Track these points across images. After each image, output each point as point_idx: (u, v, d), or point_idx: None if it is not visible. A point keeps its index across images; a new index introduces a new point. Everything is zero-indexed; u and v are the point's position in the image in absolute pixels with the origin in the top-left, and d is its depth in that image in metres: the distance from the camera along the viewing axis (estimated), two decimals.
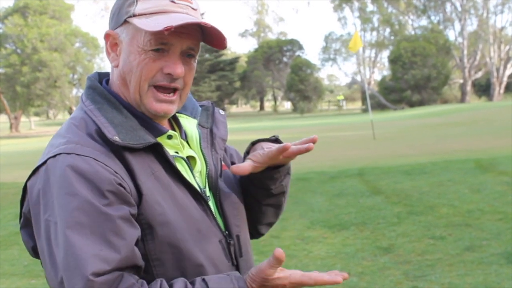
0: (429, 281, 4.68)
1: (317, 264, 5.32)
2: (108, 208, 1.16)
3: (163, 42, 1.26)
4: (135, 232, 1.19)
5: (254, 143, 1.44)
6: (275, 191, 1.48)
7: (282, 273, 1.21)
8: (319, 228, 6.58)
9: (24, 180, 1.29)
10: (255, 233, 1.58)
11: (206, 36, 1.31)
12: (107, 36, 1.33)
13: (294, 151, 1.33)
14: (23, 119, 64.97)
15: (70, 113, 57.48)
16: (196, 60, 1.36)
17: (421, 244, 5.70)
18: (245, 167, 1.34)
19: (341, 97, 67.36)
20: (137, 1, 1.27)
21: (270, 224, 1.59)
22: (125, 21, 1.28)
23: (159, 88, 1.30)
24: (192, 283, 1.20)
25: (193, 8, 1.30)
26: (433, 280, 4.69)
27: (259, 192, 1.48)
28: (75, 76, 55.37)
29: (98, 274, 1.10)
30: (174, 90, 1.32)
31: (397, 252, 5.52)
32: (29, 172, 1.27)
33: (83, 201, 1.15)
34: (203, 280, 1.21)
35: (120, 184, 1.19)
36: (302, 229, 6.62)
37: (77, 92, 56.92)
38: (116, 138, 1.22)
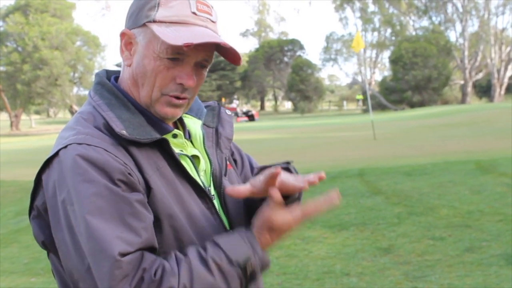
0: (428, 281, 4.68)
1: (317, 264, 5.31)
2: (124, 193, 1.17)
3: (179, 52, 1.26)
4: (151, 216, 1.21)
5: (262, 168, 1.42)
6: None
7: (286, 216, 1.25)
8: (319, 228, 6.58)
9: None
10: None
11: (221, 49, 1.31)
12: (122, 35, 1.33)
13: (285, 184, 1.28)
14: (23, 117, 65.01)
15: (70, 111, 57.59)
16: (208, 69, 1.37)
17: (421, 244, 5.70)
18: (241, 192, 1.29)
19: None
20: (158, 7, 1.27)
21: None
22: (144, 24, 1.28)
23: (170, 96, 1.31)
24: (204, 249, 1.21)
25: (212, 21, 1.31)
26: (432, 280, 4.69)
27: None
28: (76, 75, 55.49)
29: (124, 254, 1.12)
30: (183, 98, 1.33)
31: (397, 252, 5.51)
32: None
33: (101, 186, 1.16)
34: (214, 242, 1.22)
35: (130, 174, 1.20)
36: (302, 229, 6.60)
37: (78, 90, 57.07)
38: (124, 132, 1.24)
